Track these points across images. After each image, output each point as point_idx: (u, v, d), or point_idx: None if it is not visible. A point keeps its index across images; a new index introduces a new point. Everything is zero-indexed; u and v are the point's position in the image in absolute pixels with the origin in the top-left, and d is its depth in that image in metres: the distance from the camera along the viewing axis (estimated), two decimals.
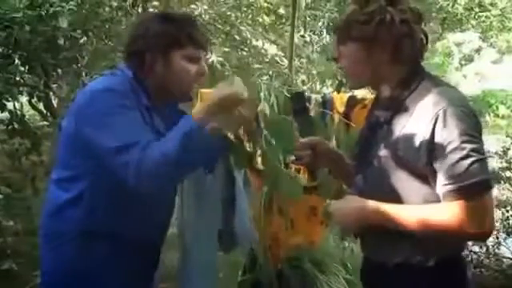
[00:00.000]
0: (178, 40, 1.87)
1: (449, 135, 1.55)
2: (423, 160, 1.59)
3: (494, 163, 4.96)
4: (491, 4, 13.87)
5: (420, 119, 1.61)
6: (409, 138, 1.62)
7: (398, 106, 1.69)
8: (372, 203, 1.67)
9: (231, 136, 2.03)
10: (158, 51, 1.87)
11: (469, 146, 1.55)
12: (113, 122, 1.76)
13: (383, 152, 1.69)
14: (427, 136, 1.58)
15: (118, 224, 1.87)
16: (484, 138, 1.64)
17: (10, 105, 4.45)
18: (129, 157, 1.69)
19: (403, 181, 1.65)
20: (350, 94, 3.40)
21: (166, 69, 1.88)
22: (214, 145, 1.82)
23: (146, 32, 1.90)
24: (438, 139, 1.57)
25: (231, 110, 1.78)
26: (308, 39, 8.19)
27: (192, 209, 2.08)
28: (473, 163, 1.54)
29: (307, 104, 2.15)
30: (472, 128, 1.58)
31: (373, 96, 2.04)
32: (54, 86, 4.96)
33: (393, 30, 1.67)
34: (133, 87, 1.87)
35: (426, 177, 1.61)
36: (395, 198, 1.65)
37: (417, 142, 1.60)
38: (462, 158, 1.54)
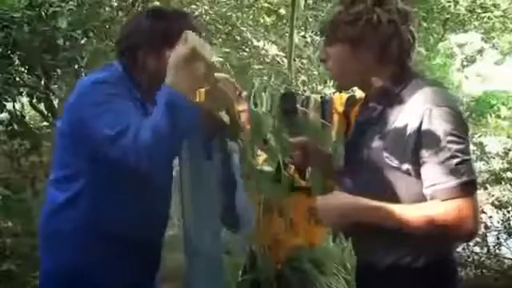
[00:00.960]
0: (170, 36, 1.85)
1: (434, 135, 1.56)
2: (408, 157, 1.60)
3: (495, 164, 4.97)
4: (493, 5, 13.86)
5: (409, 116, 1.61)
6: (397, 134, 1.62)
7: (388, 103, 1.69)
8: (357, 199, 1.66)
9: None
10: (149, 48, 1.87)
11: (454, 147, 1.55)
12: (105, 110, 1.75)
13: (373, 147, 1.68)
14: (413, 134, 1.58)
15: (117, 223, 1.87)
16: (485, 139, 1.65)
17: (9, 105, 4.44)
18: (125, 141, 1.68)
19: (392, 176, 1.64)
20: (349, 94, 3.41)
21: (158, 66, 1.86)
22: (197, 110, 1.77)
23: (137, 29, 1.89)
24: (423, 139, 1.57)
25: (195, 67, 1.74)
26: (309, 40, 8.16)
27: (191, 197, 2.06)
28: (458, 164, 1.55)
29: (297, 105, 2.16)
30: (458, 129, 1.58)
31: None
32: (54, 86, 4.95)
33: (380, 30, 1.67)
34: (124, 81, 1.87)
35: (413, 172, 1.61)
36: (384, 193, 1.65)
37: (404, 139, 1.60)
38: (448, 159, 1.55)
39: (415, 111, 1.60)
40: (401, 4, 1.71)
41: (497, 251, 4.55)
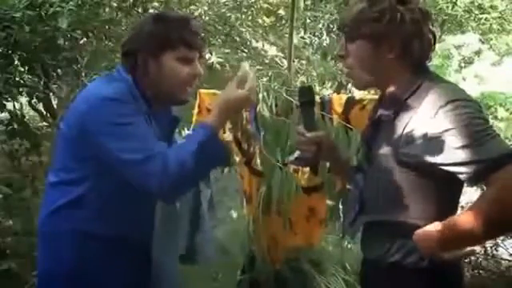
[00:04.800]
0: (170, 41, 1.88)
1: (459, 123, 1.53)
2: (424, 158, 1.57)
3: None
4: (491, 6, 13.85)
5: (423, 117, 1.60)
6: (411, 136, 1.61)
7: (400, 105, 1.68)
8: (434, 229, 1.58)
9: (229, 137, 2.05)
10: (149, 52, 1.88)
11: (486, 126, 1.53)
12: (126, 132, 1.77)
13: (384, 150, 1.68)
14: (434, 132, 1.56)
15: (116, 225, 1.88)
16: None
17: (9, 105, 4.45)
18: (149, 169, 1.72)
19: (403, 178, 1.64)
20: (349, 94, 3.41)
21: (158, 70, 1.88)
22: (223, 152, 1.86)
23: (140, 32, 1.91)
24: (449, 132, 1.54)
25: (241, 110, 1.86)
26: (308, 41, 8.16)
27: (161, 223, 2.10)
28: (495, 137, 1.52)
29: (315, 98, 2.14)
30: (480, 112, 1.57)
31: (371, 97, 2.04)
32: (54, 86, 4.95)
33: (403, 28, 1.68)
34: (133, 93, 1.87)
35: (428, 173, 1.60)
36: (396, 195, 1.65)
37: (421, 139, 1.59)
38: (485, 136, 1.51)
39: (432, 107, 1.59)
40: (422, 4, 1.73)
41: (494, 252, 4.55)
